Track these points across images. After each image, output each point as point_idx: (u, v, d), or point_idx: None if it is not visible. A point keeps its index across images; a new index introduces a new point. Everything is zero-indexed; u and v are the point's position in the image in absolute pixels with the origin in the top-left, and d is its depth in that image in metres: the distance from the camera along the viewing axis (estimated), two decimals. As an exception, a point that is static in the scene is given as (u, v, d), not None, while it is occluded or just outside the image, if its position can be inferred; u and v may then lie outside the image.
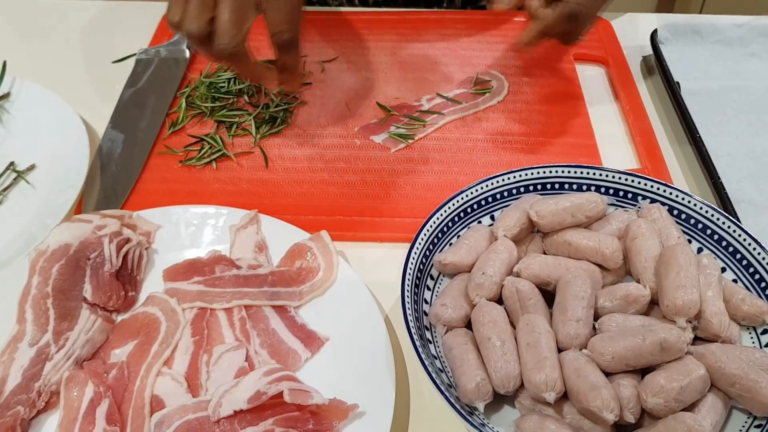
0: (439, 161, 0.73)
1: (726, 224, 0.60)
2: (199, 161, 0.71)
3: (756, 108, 0.79)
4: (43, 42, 0.89)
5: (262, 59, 0.75)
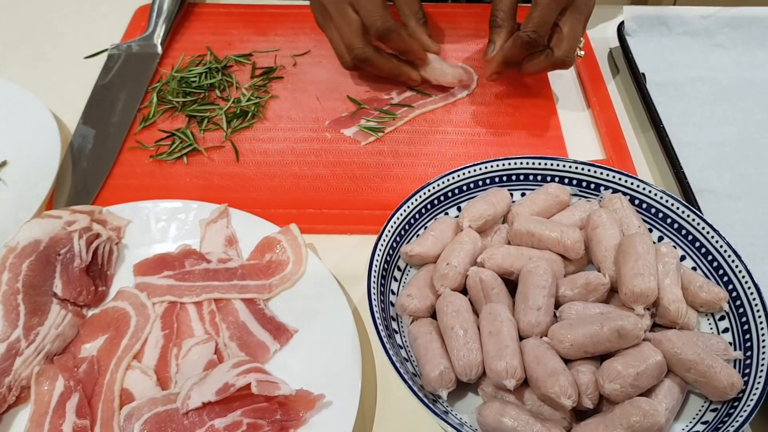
0: (408, 154, 0.73)
1: (685, 213, 0.61)
2: (170, 156, 0.72)
3: (720, 98, 0.80)
4: (15, 37, 0.88)
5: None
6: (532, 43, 0.72)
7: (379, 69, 0.76)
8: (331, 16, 0.75)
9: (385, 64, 0.76)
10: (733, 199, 0.69)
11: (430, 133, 0.76)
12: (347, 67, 0.77)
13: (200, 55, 0.84)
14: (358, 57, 0.74)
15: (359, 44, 0.74)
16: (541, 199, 0.63)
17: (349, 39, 0.74)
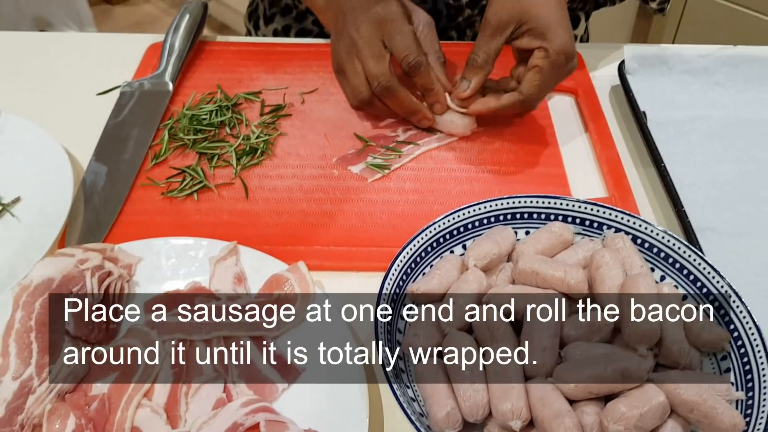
0: (414, 191, 0.75)
1: (687, 253, 0.62)
2: (180, 193, 0.73)
3: (720, 136, 0.82)
4: (29, 75, 0.91)
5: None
6: (528, 108, 0.75)
7: (399, 103, 0.77)
8: (358, 49, 0.76)
9: (406, 98, 0.77)
10: (734, 237, 0.70)
11: (435, 170, 0.77)
12: (360, 101, 0.78)
13: (211, 92, 0.85)
14: (382, 86, 0.75)
15: (386, 74, 0.75)
16: (545, 238, 0.64)
17: (375, 70, 0.75)
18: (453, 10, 0.93)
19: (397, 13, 0.76)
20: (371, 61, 0.76)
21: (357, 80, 0.78)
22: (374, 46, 0.75)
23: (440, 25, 0.96)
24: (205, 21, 0.94)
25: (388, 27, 0.75)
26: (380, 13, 0.75)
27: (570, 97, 0.88)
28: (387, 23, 0.75)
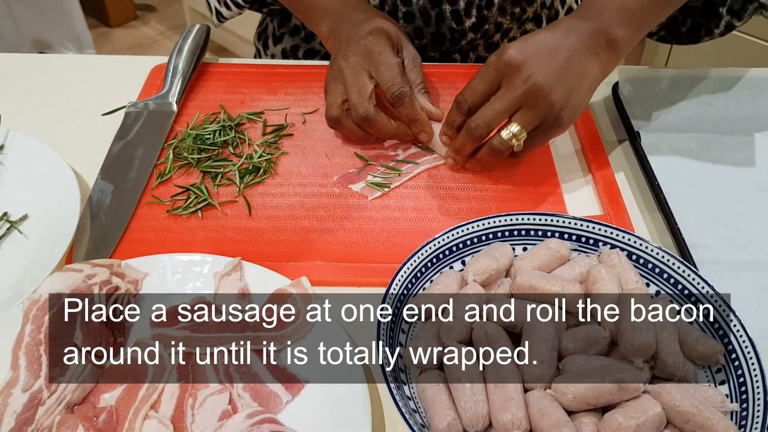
0: (414, 209, 0.76)
1: (681, 269, 0.64)
2: (185, 211, 0.75)
3: (712, 155, 0.84)
4: (35, 96, 0.92)
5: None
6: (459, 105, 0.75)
7: (378, 130, 0.80)
8: (344, 77, 0.79)
9: (384, 126, 0.80)
10: (727, 253, 0.72)
11: (434, 188, 0.79)
12: (329, 118, 0.81)
13: (214, 112, 0.87)
14: (360, 115, 0.78)
15: (364, 104, 0.78)
16: (542, 254, 0.66)
17: (355, 100, 0.78)
18: (456, 33, 0.96)
19: (385, 47, 0.79)
20: (353, 90, 0.78)
21: (331, 99, 0.80)
22: (359, 76, 0.78)
23: (443, 48, 0.98)
24: (207, 43, 0.96)
25: (375, 59, 0.78)
26: (369, 45, 0.79)
27: (565, 117, 0.90)
28: (374, 55, 0.78)
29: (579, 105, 0.74)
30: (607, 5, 0.74)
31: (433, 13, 0.94)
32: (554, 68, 0.71)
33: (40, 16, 2.87)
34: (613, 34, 0.73)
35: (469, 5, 0.93)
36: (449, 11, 0.94)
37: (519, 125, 0.73)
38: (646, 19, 0.76)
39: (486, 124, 0.73)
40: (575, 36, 0.73)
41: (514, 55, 0.71)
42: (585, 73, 0.73)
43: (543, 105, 0.71)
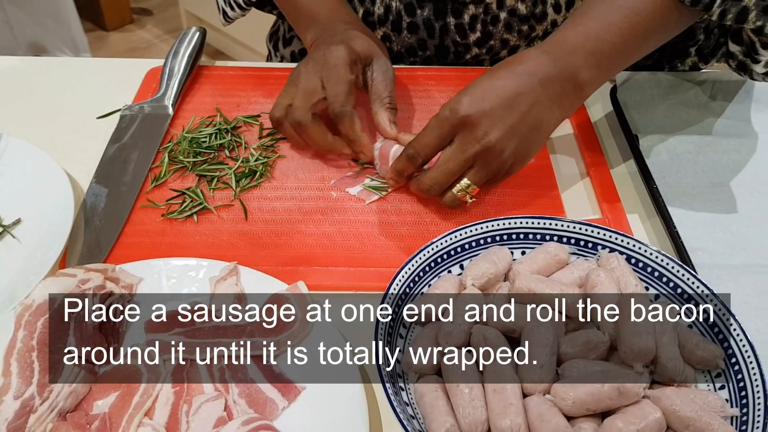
0: (411, 212, 0.76)
1: (680, 272, 0.63)
2: (180, 214, 0.74)
3: (710, 159, 0.84)
4: (29, 99, 0.92)
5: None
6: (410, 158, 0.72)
7: (308, 137, 0.79)
8: (298, 82, 0.78)
9: (317, 137, 0.78)
10: (726, 257, 0.71)
11: (432, 192, 0.78)
12: (270, 117, 0.80)
13: (210, 116, 0.87)
14: (294, 119, 0.77)
15: (301, 110, 0.77)
16: (540, 258, 0.65)
17: (296, 103, 0.77)
18: (461, 47, 0.95)
19: (340, 60, 0.77)
20: (299, 95, 0.77)
21: (279, 100, 0.79)
22: (310, 83, 0.77)
23: (448, 61, 0.98)
24: (203, 46, 0.95)
25: (327, 71, 0.77)
26: (327, 56, 0.77)
27: (564, 120, 0.90)
28: (328, 68, 0.77)
29: (530, 154, 0.74)
30: (580, 45, 0.70)
31: (437, 25, 0.93)
32: (510, 126, 0.69)
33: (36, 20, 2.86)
34: (582, 77, 0.71)
35: (474, 20, 0.92)
36: (453, 24, 0.93)
37: (470, 182, 0.72)
38: (616, 63, 0.73)
39: (439, 185, 0.72)
40: (540, 82, 0.69)
41: (469, 112, 0.68)
42: (542, 123, 0.71)
43: (494, 163, 0.70)
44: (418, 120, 0.88)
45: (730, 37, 0.84)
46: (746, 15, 0.72)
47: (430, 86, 0.93)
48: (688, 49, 0.94)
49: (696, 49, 0.93)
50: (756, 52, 0.80)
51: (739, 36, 0.82)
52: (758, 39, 0.78)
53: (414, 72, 0.95)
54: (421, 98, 0.91)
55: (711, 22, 0.89)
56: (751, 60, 0.82)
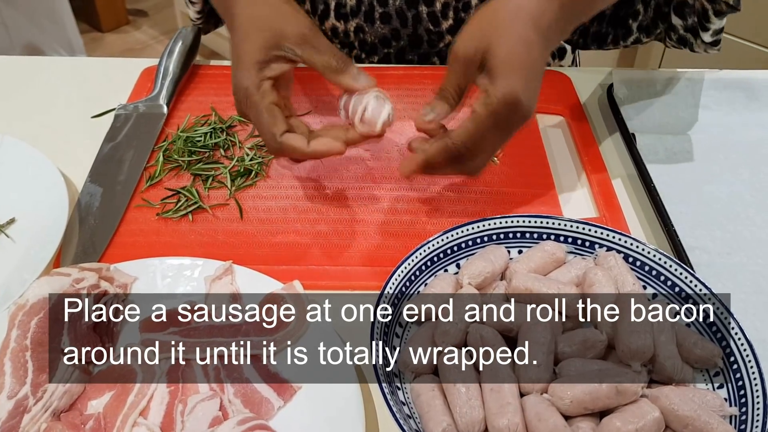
0: (408, 211, 0.76)
1: (678, 271, 0.63)
2: (175, 214, 0.73)
3: (708, 157, 0.83)
4: (24, 99, 0.91)
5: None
6: (459, 157, 0.66)
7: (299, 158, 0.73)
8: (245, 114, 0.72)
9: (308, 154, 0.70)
10: (723, 256, 0.71)
11: (429, 191, 0.78)
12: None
13: (205, 115, 0.86)
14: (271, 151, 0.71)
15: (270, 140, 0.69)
16: (537, 257, 0.65)
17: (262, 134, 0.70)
18: (434, 36, 0.95)
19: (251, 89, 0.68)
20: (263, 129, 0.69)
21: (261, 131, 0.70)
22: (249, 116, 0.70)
23: (422, 50, 0.97)
24: (198, 45, 0.95)
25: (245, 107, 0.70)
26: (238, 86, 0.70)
27: (560, 118, 0.90)
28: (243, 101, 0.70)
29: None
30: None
31: (410, 14, 0.93)
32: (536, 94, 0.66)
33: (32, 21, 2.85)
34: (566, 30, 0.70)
35: (446, 7, 0.92)
36: (426, 13, 0.93)
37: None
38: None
39: (479, 169, 0.70)
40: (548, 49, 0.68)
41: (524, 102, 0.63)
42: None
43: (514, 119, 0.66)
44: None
45: (674, 11, 0.87)
46: None
47: (426, 85, 0.93)
48: (628, 23, 0.94)
49: (637, 25, 0.94)
50: (708, 20, 0.84)
51: (682, 10, 0.86)
52: (712, 6, 0.82)
53: (410, 71, 0.95)
54: (417, 97, 0.91)
55: None
56: (701, 28, 0.86)
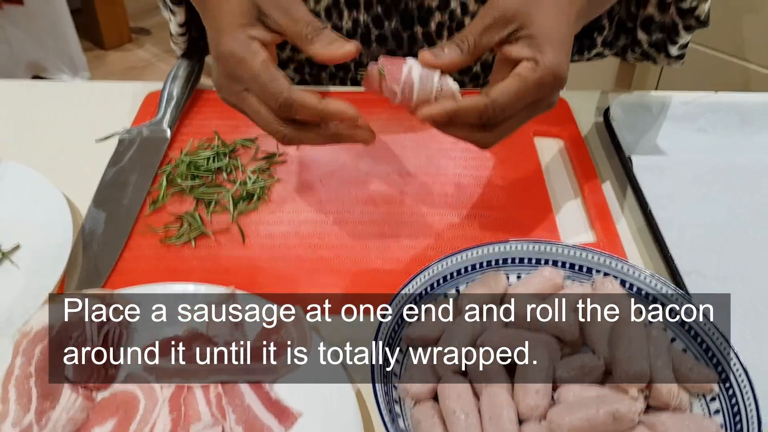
0: (409, 235, 0.77)
1: (674, 296, 0.64)
2: (178, 239, 0.74)
3: (703, 180, 0.84)
4: (27, 123, 0.92)
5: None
6: (491, 119, 0.62)
7: (314, 144, 0.67)
8: (237, 107, 0.68)
9: (315, 139, 0.66)
10: (720, 281, 0.72)
11: (429, 215, 0.79)
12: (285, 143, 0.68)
13: (208, 138, 0.88)
14: (282, 142, 0.66)
15: (278, 128, 0.65)
16: (536, 282, 0.66)
17: (265, 125, 0.65)
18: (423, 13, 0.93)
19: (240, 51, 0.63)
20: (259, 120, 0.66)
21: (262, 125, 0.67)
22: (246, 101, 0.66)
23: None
24: (202, 70, 0.96)
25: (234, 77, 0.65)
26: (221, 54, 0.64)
27: (557, 141, 0.91)
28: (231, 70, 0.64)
29: None
30: None
31: (405, 35, 0.94)
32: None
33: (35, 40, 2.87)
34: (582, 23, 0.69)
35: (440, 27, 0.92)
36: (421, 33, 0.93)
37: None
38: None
39: (496, 141, 0.65)
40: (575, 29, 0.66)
41: (565, 77, 0.62)
42: None
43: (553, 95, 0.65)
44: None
45: (640, 26, 0.90)
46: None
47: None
48: (593, 35, 0.95)
49: (602, 39, 0.95)
50: (677, 34, 0.87)
51: (649, 25, 0.89)
52: (682, 21, 0.85)
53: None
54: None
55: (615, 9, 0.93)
56: (669, 41, 0.88)
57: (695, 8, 0.80)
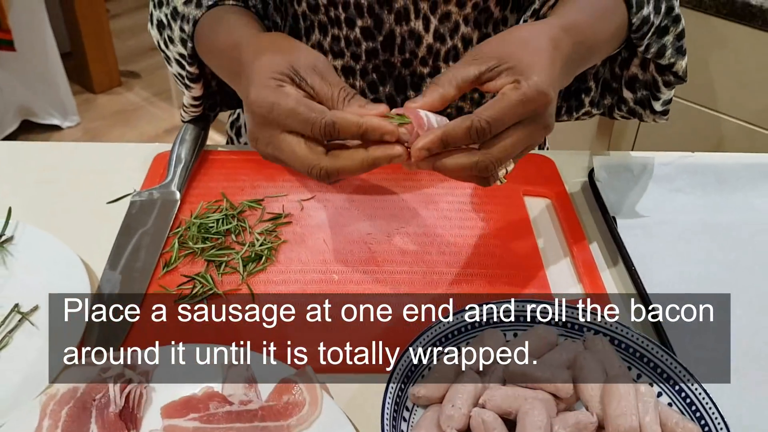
0: (410, 294, 0.81)
1: (659, 353, 0.69)
2: (191, 300, 0.78)
3: (684, 238, 0.90)
4: (39, 184, 0.96)
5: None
6: (480, 133, 0.63)
7: (353, 173, 0.67)
8: (273, 156, 0.70)
9: (353, 167, 0.66)
10: (700, 334, 0.77)
11: (428, 273, 0.84)
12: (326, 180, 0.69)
13: (216, 200, 0.92)
14: (321, 177, 0.67)
15: (315, 163, 0.66)
16: (531, 340, 0.71)
17: (303, 164, 0.67)
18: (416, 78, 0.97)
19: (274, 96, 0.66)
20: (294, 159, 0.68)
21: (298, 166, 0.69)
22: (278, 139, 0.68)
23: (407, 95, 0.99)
24: (208, 131, 1.01)
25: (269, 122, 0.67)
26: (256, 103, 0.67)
27: (546, 201, 0.96)
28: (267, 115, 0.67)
29: None
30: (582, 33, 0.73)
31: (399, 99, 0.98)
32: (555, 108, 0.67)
33: (25, 84, 2.91)
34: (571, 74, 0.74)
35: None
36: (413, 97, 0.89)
37: (514, 163, 0.69)
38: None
39: (500, 164, 0.66)
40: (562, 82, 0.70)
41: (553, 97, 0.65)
42: None
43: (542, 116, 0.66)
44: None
45: (625, 85, 0.95)
46: (664, 51, 0.85)
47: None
48: (581, 97, 1.00)
49: (589, 100, 1.00)
50: (658, 90, 0.91)
51: (633, 84, 0.94)
52: (662, 78, 0.90)
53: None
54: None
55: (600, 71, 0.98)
56: (653, 98, 0.93)
57: (673, 65, 0.87)
